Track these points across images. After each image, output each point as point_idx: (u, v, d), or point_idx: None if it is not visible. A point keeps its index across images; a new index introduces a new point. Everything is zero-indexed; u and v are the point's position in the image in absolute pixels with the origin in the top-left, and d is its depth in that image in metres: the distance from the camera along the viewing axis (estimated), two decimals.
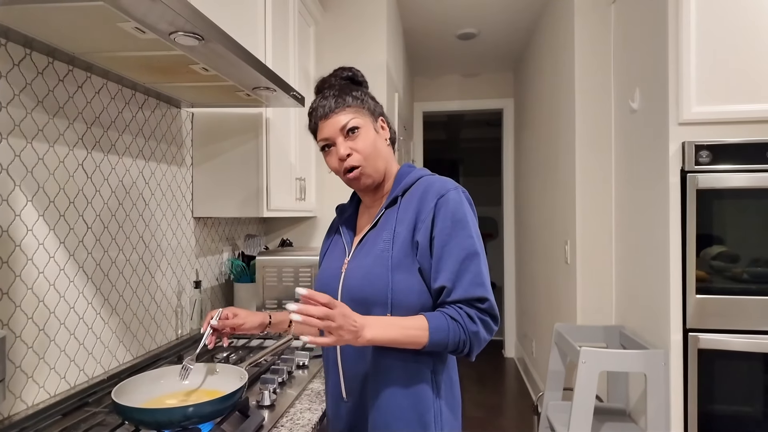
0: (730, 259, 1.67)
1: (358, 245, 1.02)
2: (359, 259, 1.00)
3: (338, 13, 2.53)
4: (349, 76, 1.08)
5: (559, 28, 2.77)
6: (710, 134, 1.73)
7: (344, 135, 0.99)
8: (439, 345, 0.90)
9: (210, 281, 1.96)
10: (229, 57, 1.12)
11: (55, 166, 1.18)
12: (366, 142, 0.99)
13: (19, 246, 1.07)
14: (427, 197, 0.97)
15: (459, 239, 0.93)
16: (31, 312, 1.10)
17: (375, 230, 1.01)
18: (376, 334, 0.87)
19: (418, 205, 0.97)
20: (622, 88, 2.27)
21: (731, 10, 1.69)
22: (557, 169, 2.86)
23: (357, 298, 0.96)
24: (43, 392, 1.13)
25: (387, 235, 0.97)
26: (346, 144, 0.99)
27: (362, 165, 0.99)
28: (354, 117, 1.00)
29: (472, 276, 0.92)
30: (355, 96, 1.02)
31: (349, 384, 1.00)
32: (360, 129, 1.00)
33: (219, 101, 1.61)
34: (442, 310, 0.92)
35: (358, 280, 0.97)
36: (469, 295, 0.91)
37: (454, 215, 0.94)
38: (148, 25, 0.93)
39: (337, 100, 1.00)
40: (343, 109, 1.00)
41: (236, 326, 1.10)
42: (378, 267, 0.95)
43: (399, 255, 0.95)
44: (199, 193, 1.82)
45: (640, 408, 1.99)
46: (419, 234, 0.95)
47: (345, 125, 0.99)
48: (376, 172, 1.02)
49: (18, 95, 1.07)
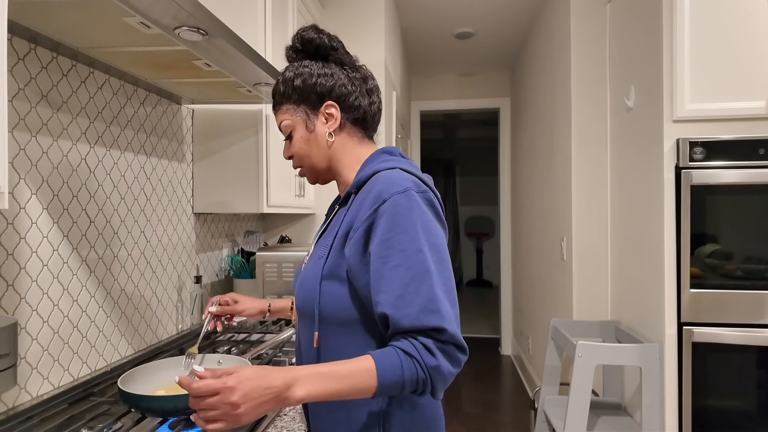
0: (724, 257, 1.70)
1: (314, 246, 0.93)
2: (308, 263, 0.90)
3: (336, 10, 2.54)
4: (299, 47, 0.91)
5: (555, 27, 2.80)
6: (704, 131, 1.76)
7: (285, 137, 0.93)
8: (392, 388, 0.72)
9: (210, 277, 1.98)
10: (231, 53, 1.14)
11: (58, 160, 1.19)
12: (296, 146, 0.91)
13: (24, 238, 1.09)
14: (365, 202, 0.80)
15: (403, 256, 0.75)
16: (36, 304, 1.12)
17: (326, 231, 0.90)
18: (309, 391, 0.69)
19: (356, 211, 0.81)
20: (617, 86, 2.30)
21: (725, 8, 1.72)
22: (553, 167, 2.89)
23: (297, 307, 0.88)
24: (47, 384, 1.14)
25: (328, 240, 0.85)
26: (287, 144, 0.93)
27: (303, 167, 0.93)
28: (285, 119, 0.91)
29: (423, 301, 0.73)
30: (287, 84, 0.90)
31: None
32: (292, 132, 0.91)
33: (220, 97, 1.62)
34: (393, 344, 0.74)
35: (297, 287, 0.89)
36: (422, 325, 0.73)
37: (398, 226, 0.76)
38: (153, 20, 0.95)
39: (275, 95, 0.92)
40: (279, 107, 0.92)
41: (236, 312, 1.12)
42: (311, 275, 0.84)
43: (331, 264, 0.82)
44: (199, 189, 1.83)
45: (636, 402, 2.02)
46: (349, 246, 0.80)
47: (279, 126, 0.93)
48: (313, 171, 0.92)
49: (23, 89, 1.08)
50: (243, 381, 0.66)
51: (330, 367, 0.71)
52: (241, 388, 0.65)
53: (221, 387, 0.65)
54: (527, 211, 3.77)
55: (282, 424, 1.01)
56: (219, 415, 0.65)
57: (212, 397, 0.65)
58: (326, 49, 0.90)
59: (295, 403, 0.70)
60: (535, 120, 3.42)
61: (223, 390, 0.65)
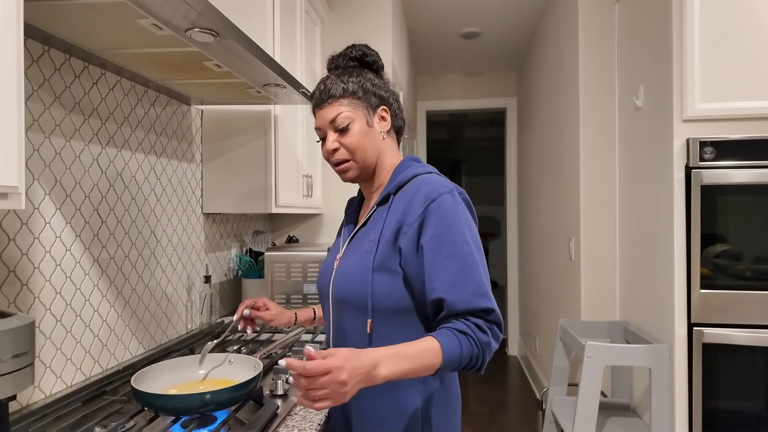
0: (734, 257, 1.69)
1: (350, 242, 1.01)
2: (347, 257, 0.98)
3: (344, 11, 2.55)
4: (358, 56, 1.03)
5: (563, 26, 2.79)
6: (714, 131, 1.75)
7: (333, 128, 0.97)
8: (452, 364, 0.81)
9: (219, 277, 1.99)
10: (242, 54, 1.15)
11: (71, 161, 1.20)
12: (354, 138, 0.96)
13: (37, 238, 1.10)
14: (415, 201, 0.90)
15: (453, 248, 0.86)
16: (49, 303, 1.13)
17: (365, 228, 0.99)
18: (390, 370, 0.76)
19: (406, 209, 0.91)
20: (626, 86, 2.28)
21: (735, 7, 1.71)
22: (561, 167, 2.88)
23: (339, 299, 0.95)
24: (60, 382, 1.15)
25: (374, 236, 0.94)
26: (334, 137, 0.97)
27: (349, 160, 0.98)
28: (344, 111, 0.96)
29: (473, 287, 0.85)
30: (353, 83, 0.98)
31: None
32: (350, 124, 0.96)
33: (229, 98, 1.63)
34: (447, 326, 0.84)
35: (341, 279, 0.95)
36: (474, 307, 0.84)
37: (447, 221, 0.87)
38: (165, 22, 0.96)
39: (332, 90, 0.97)
40: (336, 100, 0.96)
41: (266, 320, 1.14)
42: (360, 268, 0.92)
43: (382, 257, 0.90)
44: (208, 189, 1.84)
45: (645, 403, 2.00)
46: (403, 240, 0.89)
47: (334, 119, 0.96)
48: (363, 166, 0.99)
49: (36, 91, 1.10)
50: (347, 360, 0.72)
51: (402, 349, 0.79)
52: (347, 367, 0.71)
53: (331, 366, 0.70)
54: (534, 211, 3.76)
55: (293, 423, 1.01)
56: (329, 393, 0.70)
57: (323, 376, 0.69)
58: (378, 66, 1.05)
59: (380, 382, 0.76)
60: (543, 120, 3.41)
61: (333, 369, 0.70)
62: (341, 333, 0.97)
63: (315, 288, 1.91)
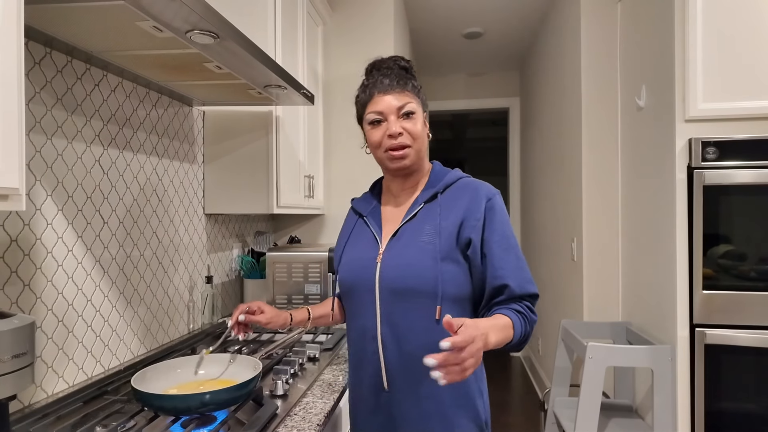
0: (737, 257, 1.68)
1: (393, 237, 1.04)
2: (398, 250, 1.01)
3: (346, 12, 2.55)
4: (405, 66, 1.10)
5: (566, 26, 2.78)
6: (717, 131, 1.74)
7: (398, 115, 1.02)
8: (519, 338, 0.93)
9: (221, 277, 1.99)
10: (242, 55, 1.15)
11: (73, 162, 1.21)
12: (418, 126, 1.03)
13: (39, 239, 1.10)
14: (477, 198, 1.01)
15: (511, 242, 1.00)
16: (51, 303, 1.14)
17: (412, 223, 1.03)
18: (495, 339, 0.86)
19: (468, 205, 1.01)
20: (628, 86, 2.28)
21: (737, 7, 1.70)
22: (563, 167, 2.87)
23: (399, 289, 0.99)
24: (62, 382, 1.16)
25: (430, 229, 1.00)
26: (399, 122, 1.01)
27: (411, 146, 1.02)
28: (412, 102, 1.03)
29: (527, 275, 0.99)
30: (414, 85, 1.06)
31: (392, 374, 1.00)
32: (415, 113, 1.03)
33: (230, 99, 1.64)
34: (508, 307, 0.97)
35: (401, 270, 0.99)
36: (527, 292, 0.98)
37: (504, 219, 1.01)
38: (165, 24, 0.96)
39: (399, 81, 1.03)
40: (404, 91, 1.03)
41: (262, 324, 1.13)
42: (424, 258, 0.98)
43: (445, 248, 0.98)
44: (210, 190, 1.85)
45: (647, 404, 2.00)
46: (472, 232, 0.99)
47: (403, 106, 1.01)
48: (418, 158, 1.05)
49: (38, 93, 1.10)
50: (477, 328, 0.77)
51: (495, 321, 0.89)
52: (482, 334, 0.78)
53: (477, 334, 0.75)
54: (537, 211, 3.75)
55: (292, 424, 1.02)
56: (475, 361, 0.75)
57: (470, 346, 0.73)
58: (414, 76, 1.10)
59: (489, 348, 0.84)
60: (545, 120, 3.40)
61: (477, 338, 0.75)
62: (395, 322, 0.99)
63: (316, 288, 1.91)
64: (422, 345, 0.97)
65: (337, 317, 1.26)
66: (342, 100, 2.55)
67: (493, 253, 0.98)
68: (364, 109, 1.06)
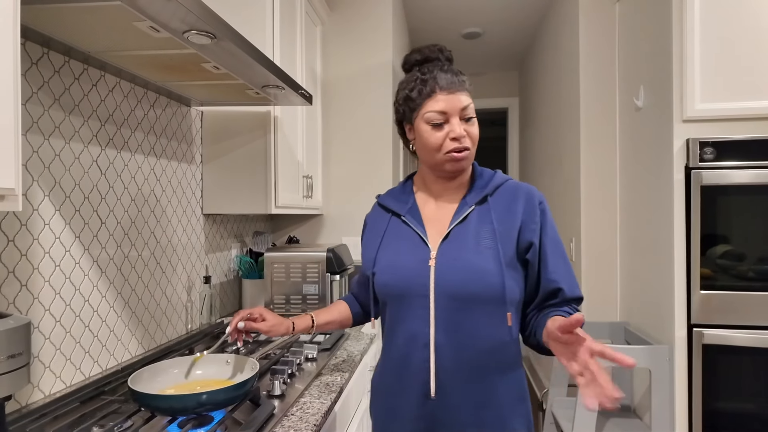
0: (736, 258, 1.68)
1: (444, 239, 0.99)
2: (454, 253, 0.96)
3: (344, 12, 2.55)
4: (449, 57, 1.04)
5: (564, 26, 2.78)
6: (714, 131, 1.74)
7: (461, 116, 0.97)
8: None
9: (219, 277, 1.99)
10: (240, 55, 1.15)
11: (70, 163, 1.21)
12: (477, 129, 0.99)
13: (36, 239, 1.10)
14: (532, 202, 1.00)
15: (561, 246, 1.01)
16: (48, 304, 1.14)
17: (464, 225, 0.99)
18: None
19: (525, 208, 0.99)
20: (626, 86, 2.28)
21: (735, 7, 1.70)
22: (562, 167, 2.87)
23: (461, 295, 0.94)
24: (59, 382, 1.16)
25: (487, 233, 0.97)
26: (462, 124, 0.97)
27: (470, 149, 0.98)
28: (471, 103, 0.99)
29: (575, 279, 1.00)
30: (468, 81, 1.01)
31: (443, 382, 0.95)
32: (474, 115, 0.99)
33: (228, 99, 1.64)
34: (562, 309, 0.96)
35: (464, 275, 0.94)
36: (576, 295, 0.99)
37: (553, 223, 1.02)
38: (162, 24, 0.96)
39: (459, 78, 0.98)
40: (463, 90, 0.98)
41: (262, 332, 1.11)
42: (488, 263, 0.94)
43: (508, 252, 0.96)
44: (208, 190, 1.85)
45: (645, 404, 2.00)
46: (533, 236, 0.98)
47: (466, 108, 0.97)
48: (472, 160, 1.02)
49: (36, 93, 1.10)
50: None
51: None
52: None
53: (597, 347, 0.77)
54: None
55: (289, 424, 1.02)
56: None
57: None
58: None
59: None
60: (544, 120, 3.40)
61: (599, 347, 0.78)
62: (454, 329, 0.95)
63: (314, 288, 1.91)
64: (484, 352, 0.94)
65: (346, 323, 1.22)
66: (341, 99, 2.55)
67: (548, 257, 0.98)
68: (420, 105, 0.99)
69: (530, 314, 1.01)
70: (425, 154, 1.01)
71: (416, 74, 1.01)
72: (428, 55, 1.03)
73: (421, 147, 1.01)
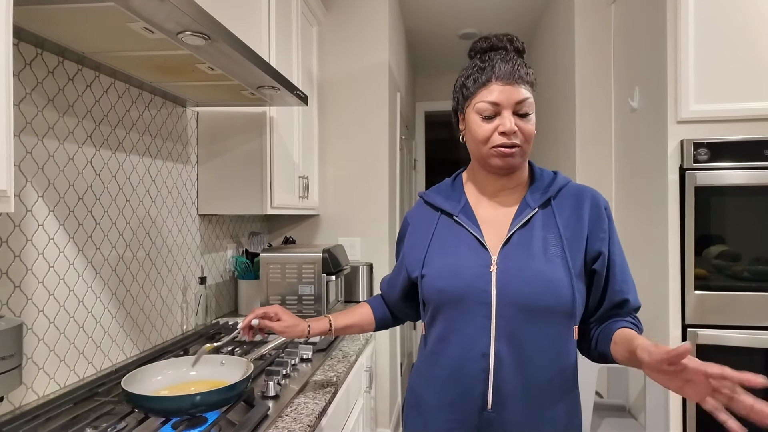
0: (729, 258, 1.69)
1: (505, 244, 0.91)
2: (520, 261, 0.89)
3: (341, 13, 2.55)
4: (519, 48, 0.97)
5: (560, 28, 2.79)
6: (708, 132, 1.75)
7: (515, 110, 0.90)
8: None
9: (215, 278, 1.99)
10: (234, 56, 1.15)
11: (64, 163, 1.21)
12: (533, 127, 0.91)
13: (30, 240, 1.10)
14: (598, 207, 0.94)
15: (623, 254, 0.96)
16: (42, 305, 1.13)
17: (526, 230, 0.92)
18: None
19: (591, 214, 0.93)
20: (621, 87, 2.29)
21: (729, 9, 1.71)
22: (558, 168, 2.88)
23: (530, 306, 0.87)
24: (53, 383, 1.16)
25: (553, 239, 0.91)
26: (513, 119, 0.89)
27: (522, 147, 0.91)
28: (530, 97, 0.91)
29: (635, 288, 0.96)
30: (532, 74, 0.93)
31: (502, 394, 0.88)
32: (531, 113, 0.91)
33: (224, 100, 1.64)
34: (628, 320, 0.93)
35: (534, 286, 0.87)
36: (638, 305, 0.96)
37: (616, 229, 0.97)
38: (156, 25, 0.96)
39: (520, 70, 0.91)
40: (524, 83, 0.90)
41: (276, 331, 1.09)
42: (558, 273, 0.88)
43: (577, 261, 0.90)
44: (204, 190, 1.85)
45: (640, 403, 2.01)
46: (602, 245, 0.92)
47: (522, 101, 0.89)
48: (524, 159, 0.94)
49: (30, 94, 1.10)
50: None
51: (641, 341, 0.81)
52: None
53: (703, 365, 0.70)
54: None
55: (283, 425, 1.02)
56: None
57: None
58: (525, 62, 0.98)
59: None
60: (540, 120, 3.41)
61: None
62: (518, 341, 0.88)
63: (310, 289, 1.91)
64: (547, 366, 0.89)
65: (367, 327, 1.16)
66: (337, 100, 2.55)
67: (616, 268, 0.93)
68: (473, 94, 0.92)
69: (591, 325, 0.96)
70: (473, 146, 0.94)
71: (476, 62, 0.95)
72: (495, 44, 0.96)
73: (470, 138, 0.95)
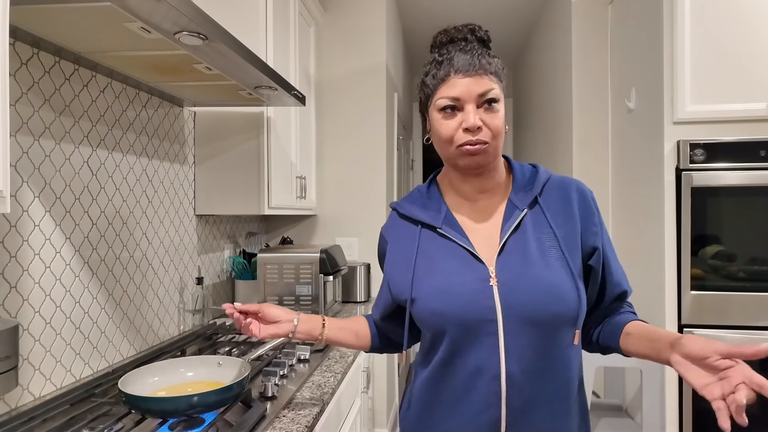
0: (725, 258, 1.70)
1: (500, 253, 0.84)
2: (520, 269, 0.82)
3: (338, 13, 2.55)
4: (482, 37, 0.90)
5: (557, 28, 2.80)
6: (705, 133, 1.76)
7: (478, 103, 0.82)
8: None
9: (212, 278, 1.99)
10: (231, 56, 1.15)
11: (61, 164, 1.20)
12: (500, 120, 0.83)
13: (26, 241, 1.10)
14: (585, 199, 0.89)
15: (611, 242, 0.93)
16: (38, 306, 1.13)
17: (518, 234, 0.85)
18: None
19: (580, 208, 0.88)
20: (618, 88, 2.29)
21: (725, 11, 1.72)
22: (555, 168, 2.88)
23: (538, 318, 0.80)
24: (49, 384, 1.15)
25: (548, 240, 0.85)
26: (477, 112, 0.82)
27: (489, 144, 0.82)
28: (495, 88, 0.83)
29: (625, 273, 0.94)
30: (497, 64, 0.85)
31: (515, 417, 0.81)
32: (497, 103, 0.83)
33: (221, 100, 1.63)
34: (628, 311, 0.92)
35: (540, 295, 0.80)
36: (631, 292, 0.94)
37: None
38: (153, 25, 0.96)
39: (481, 60, 0.82)
40: (487, 73, 0.82)
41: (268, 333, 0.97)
42: (562, 277, 0.82)
43: (576, 261, 0.85)
44: (201, 190, 1.85)
45: (637, 403, 2.01)
46: (596, 240, 0.87)
47: (485, 93, 0.81)
48: (494, 155, 0.85)
49: (26, 93, 1.10)
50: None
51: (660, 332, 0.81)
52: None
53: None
54: None
55: (281, 426, 1.02)
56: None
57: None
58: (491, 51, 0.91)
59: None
60: (537, 121, 3.42)
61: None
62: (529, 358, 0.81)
63: (307, 289, 1.91)
64: (559, 377, 0.82)
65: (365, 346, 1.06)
66: (335, 100, 2.55)
67: (609, 259, 0.89)
68: (433, 91, 0.85)
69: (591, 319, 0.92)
70: (439, 147, 0.87)
71: (434, 56, 0.88)
72: (454, 35, 0.89)
73: (435, 139, 0.88)
